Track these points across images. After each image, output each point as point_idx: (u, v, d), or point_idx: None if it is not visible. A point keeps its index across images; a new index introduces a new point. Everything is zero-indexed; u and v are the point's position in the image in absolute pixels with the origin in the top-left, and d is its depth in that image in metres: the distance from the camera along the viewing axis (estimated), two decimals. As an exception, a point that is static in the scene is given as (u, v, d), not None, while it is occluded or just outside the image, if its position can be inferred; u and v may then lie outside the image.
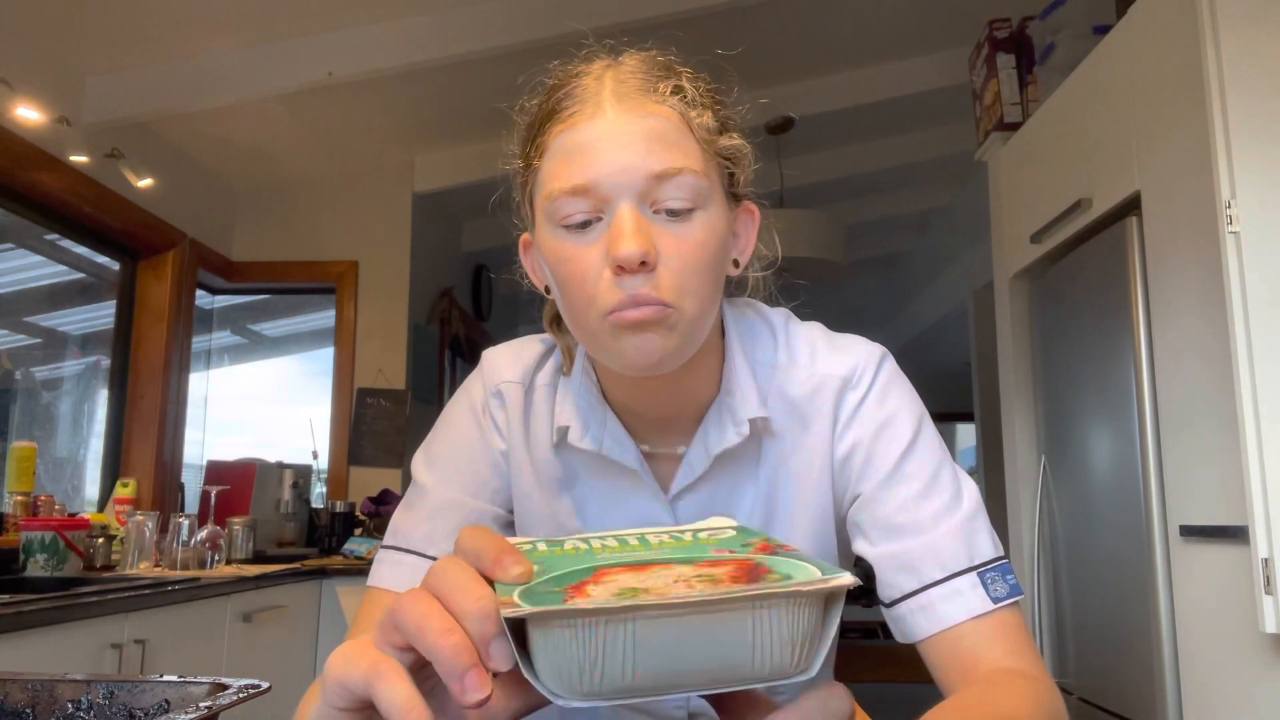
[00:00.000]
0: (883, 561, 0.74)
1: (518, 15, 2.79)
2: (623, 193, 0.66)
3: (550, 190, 0.68)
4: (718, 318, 0.80)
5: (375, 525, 3.38)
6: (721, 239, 0.70)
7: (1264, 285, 1.61)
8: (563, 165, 0.67)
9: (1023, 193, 2.67)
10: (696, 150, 0.68)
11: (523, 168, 0.74)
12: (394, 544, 0.82)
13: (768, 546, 0.42)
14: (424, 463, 0.85)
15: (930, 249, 5.66)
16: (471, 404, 0.85)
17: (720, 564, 0.39)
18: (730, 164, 0.73)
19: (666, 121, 0.68)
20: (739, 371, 0.78)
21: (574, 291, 0.68)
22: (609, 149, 0.66)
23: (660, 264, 0.66)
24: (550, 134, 0.69)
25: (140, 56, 2.83)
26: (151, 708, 0.77)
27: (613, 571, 0.38)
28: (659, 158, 0.66)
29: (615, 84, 0.69)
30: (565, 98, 0.70)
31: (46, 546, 2.26)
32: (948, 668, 0.71)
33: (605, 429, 0.79)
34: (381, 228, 3.87)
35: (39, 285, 3.17)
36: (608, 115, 0.67)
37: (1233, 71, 1.67)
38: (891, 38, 3.37)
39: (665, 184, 0.66)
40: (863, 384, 0.79)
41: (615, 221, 0.66)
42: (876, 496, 0.76)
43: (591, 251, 0.67)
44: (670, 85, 0.70)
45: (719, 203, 0.70)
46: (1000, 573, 0.72)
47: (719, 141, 0.71)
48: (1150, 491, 1.97)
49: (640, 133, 0.67)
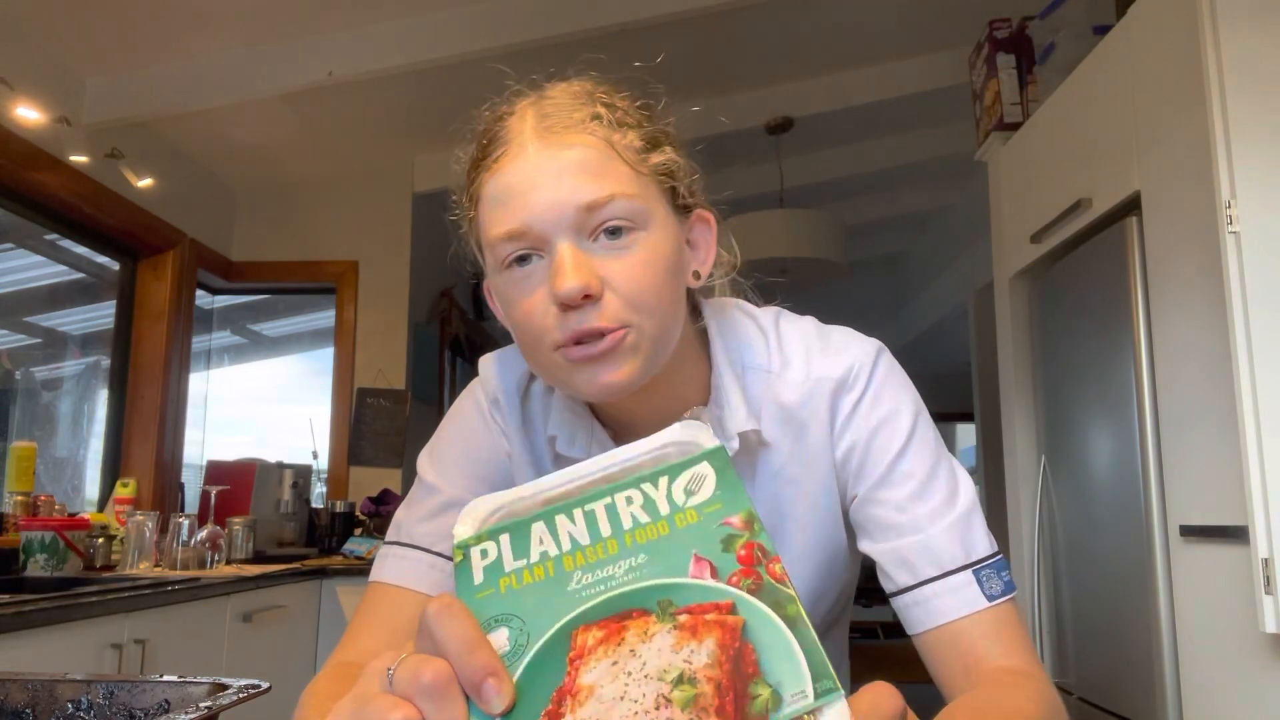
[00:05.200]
0: (881, 557, 0.75)
1: (518, 15, 2.79)
2: (556, 229, 0.66)
3: (489, 238, 0.69)
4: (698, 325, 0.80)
5: (375, 525, 3.38)
6: (669, 255, 0.70)
7: (1264, 285, 1.61)
8: (497, 212, 0.68)
9: (1023, 193, 2.67)
10: (626, 173, 0.68)
11: (463, 214, 0.75)
12: (398, 539, 0.81)
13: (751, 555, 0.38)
14: (429, 461, 0.85)
15: (930, 249, 5.66)
16: (478, 404, 0.85)
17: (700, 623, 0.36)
18: (668, 179, 0.72)
19: (589, 150, 0.67)
20: (726, 382, 0.78)
21: (524, 330, 0.69)
22: (536, 188, 0.66)
23: (606, 291, 0.66)
24: (482, 182, 0.70)
25: (140, 56, 2.83)
26: (151, 708, 0.77)
27: (590, 649, 0.36)
28: (587, 189, 0.66)
29: (536, 120, 0.69)
30: (491, 143, 0.70)
31: (46, 546, 2.26)
32: (945, 662, 0.71)
33: (593, 437, 0.79)
34: (381, 228, 3.87)
35: (39, 285, 3.17)
36: (529, 154, 0.67)
37: (1233, 71, 1.67)
38: (891, 38, 3.36)
39: (598, 212, 0.66)
40: (859, 385, 0.78)
41: (555, 260, 0.66)
42: (873, 496, 0.76)
43: (538, 289, 0.67)
44: (588, 113, 0.69)
45: (662, 219, 0.70)
46: (995, 569, 0.73)
47: (650, 159, 0.71)
48: (1150, 491, 1.97)
49: (564, 166, 0.66)
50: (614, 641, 0.36)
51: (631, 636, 0.36)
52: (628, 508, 0.40)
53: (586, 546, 0.39)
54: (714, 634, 0.36)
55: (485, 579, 0.39)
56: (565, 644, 0.36)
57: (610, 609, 0.37)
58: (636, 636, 0.36)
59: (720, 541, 0.38)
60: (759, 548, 0.38)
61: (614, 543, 0.39)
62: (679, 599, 0.37)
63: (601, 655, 0.36)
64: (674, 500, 0.40)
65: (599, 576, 0.38)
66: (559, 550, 0.39)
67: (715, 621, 0.36)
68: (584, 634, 0.36)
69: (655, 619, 0.36)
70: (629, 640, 0.36)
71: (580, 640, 0.36)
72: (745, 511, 0.39)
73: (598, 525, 0.40)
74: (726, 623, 0.36)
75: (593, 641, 0.36)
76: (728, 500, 0.40)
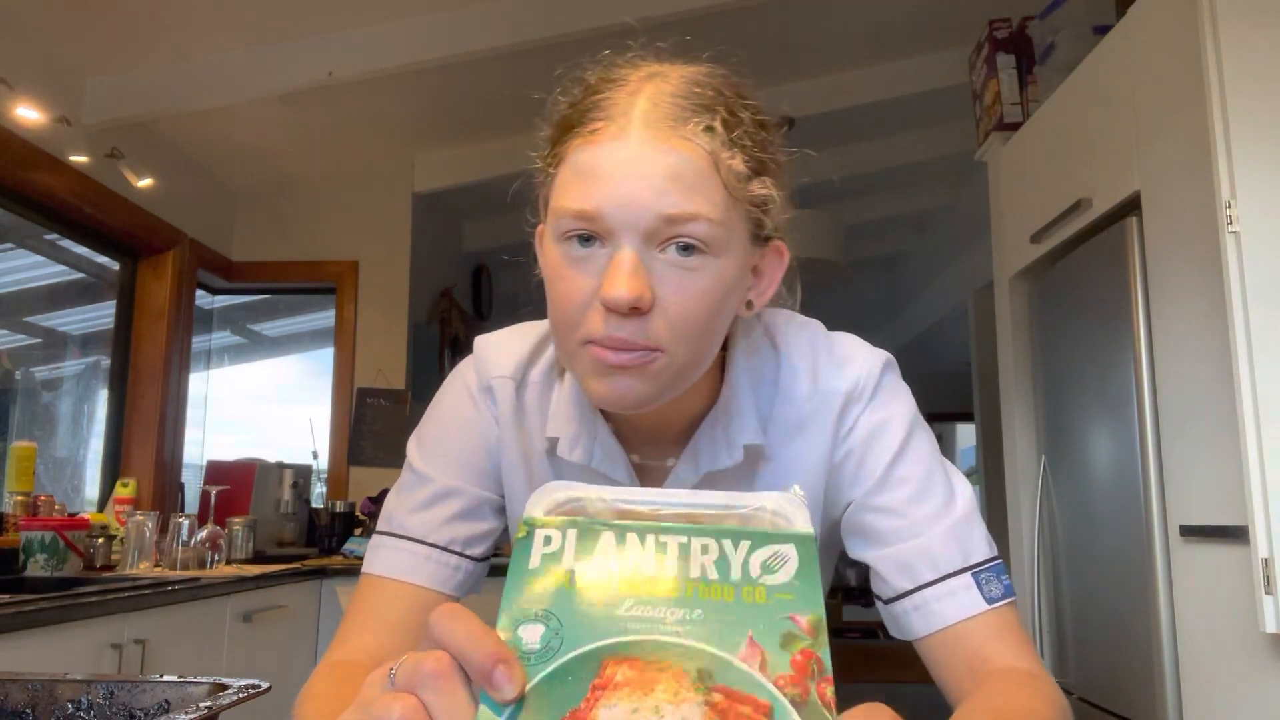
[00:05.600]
0: (878, 563, 0.74)
1: (518, 15, 2.78)
2: (628, 229, 0.62)
3: (557, 206, 0.65)
4: None
5: (375, 525, 3.38)
6: (730, 284, 0.66)
7: (1264, 285, 1.61)
8: (576, 185, 0.64)
9: (1023, 193, 2.67)
10: (719, 195, 0.64)
11: (543, 165, 0.71)
12: (390, 530, 0.80)
13: (805, 667, 0.35)
14: (418, 447, 0.83)
15: (930, 249, 5.66)
16: (467, 387, 0.83)
17: (733, 711, 0.34)
18: (759, 209, 0.68)
19: (691, 160, 0.63)
20: (740, 391, 0.76)
21: (560, 312, 0.66)
22: (623, 180, 0.62)
23: (656, 308, 0.63)
24: (570, 145, 0.66)
25: (140, 56, 2.83)
26: (151, 708, 0.77)
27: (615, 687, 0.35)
28: (674, 200, 0.62)
29: (648, 105, 0.64)
30: (593, 108, 0.66)
31: (46, 546, 2.26)
32: (950, 665, 0.71)
33: (596, 439, 0.77)
34: (381, 228, 3.87)
35: (39, 285, 3.18)
36: (630, 142, 0.63)
37: (1233, 71, 1.67)
38: (891, 38, 3.36)
39: (676, 227, 0.62)
40: (864, 397, 0.77)
41: (614, 261, 0.63)
42: (869, 502, 0.76)
43: (587, 278, 0.64)
44: (705, 121, 0.64)
45: (737, 249, 0.66)
46: (995, 573, 0.72)
47: (750, 187, 0.66)
48: (1150, 491, 1.97)
49: (660, 169, 0.62)
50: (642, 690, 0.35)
51: (660, 692, 0.35)
52: (700, 556, 0.39)
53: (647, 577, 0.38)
54: None
55: (541, 564, 0.38)
56: (594, 668, 0.35)
57: (649, 652, 0.36)
58: (665, 695, 0.35)
59: (780, 635, 0.36)
60: (817, 660, 0.36)
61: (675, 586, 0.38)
62: (720, 676, 0.35)
63: (625, 697, 0.35)
64: (748, 570, 0.38)
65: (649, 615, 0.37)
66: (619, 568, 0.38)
67: (749, 713, 0.34)
68: (615, 666, 0.35)
69: (690, 686, 0.35)
70: (657, 695, 0.35)
71: (610, 672, 0.35)
72: (815, 616, 0.37)
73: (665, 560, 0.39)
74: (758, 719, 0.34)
75: (621, 679, 0.35)
76: (801, 594, 0.38)
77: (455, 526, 0.79)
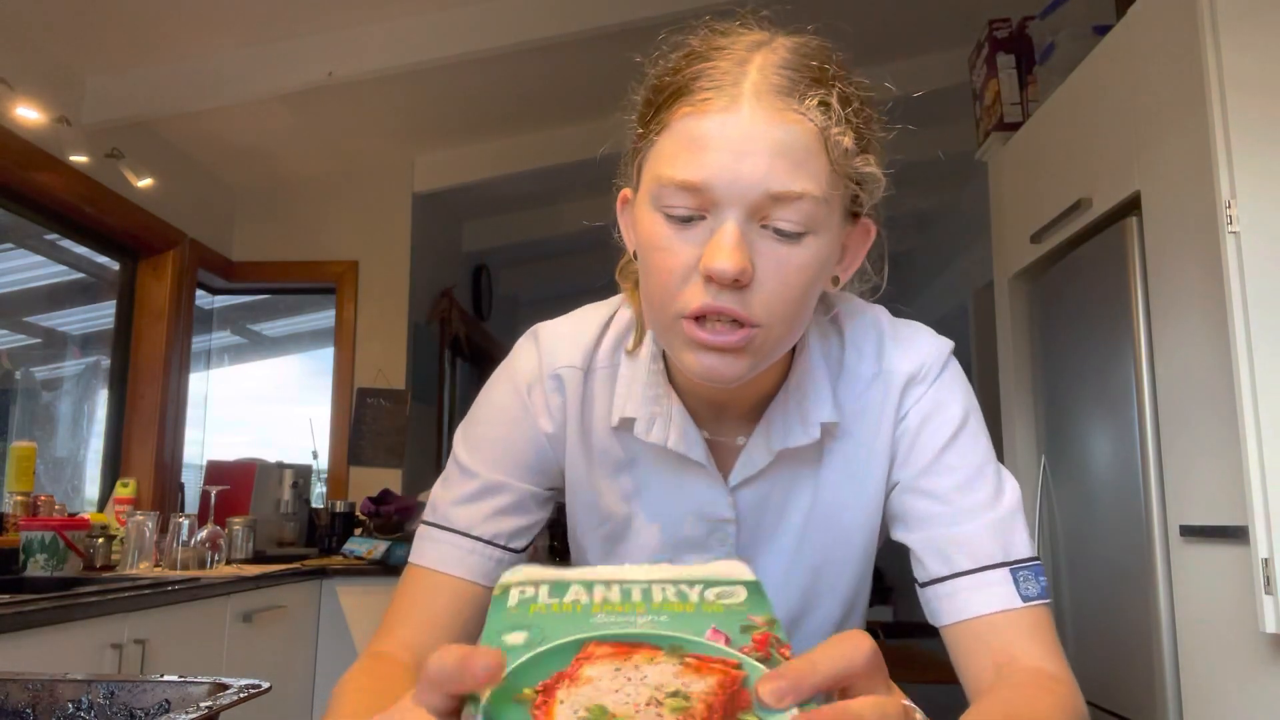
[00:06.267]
0: (918, 546, 0.75)
1: (518, 15, 2.79)
2: (733, 203, 0.62)
3: (660, 174, 0.64)
4: None
5: (375, 525, 3.38)
6: (825, 260, 0.67)
7: (1264, 285, 1.61)
8: (680, 152, 0.63)
9: (1022, 193, 2.67)
10: (825, 172, 0.63)
11: (640, 131, 0.69)
12: (435, 521, 0.81)
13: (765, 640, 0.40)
14: (464, 441, 0.83)
15: (930, 249, 5.66)
16: (515, 383, 0.82)
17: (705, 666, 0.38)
18: (858, 186, 0.68)
19: (801, 135, 0.62)
20: (815, 369, 0.76)
21: (658, 283, 0.66)
22: (732, 153, 0.61)
23: (754, 283, 0.63)
24: (676, 112, 0.65)
25: (140, 56, 2.83)
26: (151, 708, 0.77)
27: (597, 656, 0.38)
28: (781, 177, 0.62)
29: (758, 76, 0.63)
30: (701, 76, 0.64)
31: (46, 546, 2.26)
32: (973, 656, 0.71)
33: (672, 420, 0.76)
34: (381, 228, 3.87)
35: (39, 285, 3.18)
36: (741, 114, 0.62)
37: (1233, 72, 1.67)
38: (891, 38, 3.36)
39: (781, 205, 0.62)
40: (927, 379, 0.77)
41: (719, 233, 0.62)
42: (916, 485, 0.76)
43: (687, 249, 0.64)
44: (819, 96, 0.64)
45: (834, 226, 0.67)
46: (1034, 573, 0.72)
47: (854, 164, 0.66)
48: (1150, 491, 1.97)
49: (769, 144, 0.62)
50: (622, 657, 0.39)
51: (638, 658, 0.39)
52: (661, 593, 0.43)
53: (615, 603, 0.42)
54: (716, 675, 0.38)
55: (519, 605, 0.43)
56: (576, 649, 0.39)
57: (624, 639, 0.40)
58: (643, 659, 0.39)
59: (739, 626, 0.41)
60: (774, 638, 0.40)
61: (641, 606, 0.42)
62: (690, 649, 0.39)
63: (608, 662, 0.38)
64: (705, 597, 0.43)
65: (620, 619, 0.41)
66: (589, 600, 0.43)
67: (719, 668, 0.38)
68: (595, 647, 0.39)
69: (664, 654, 0.39)
70: (635, 659, 0.39)
71: (590, 649, 0.39)
72: (768, 616, 0.41)
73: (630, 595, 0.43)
74: (730, 671, 0.38)
75: (602, 652, 0.39)
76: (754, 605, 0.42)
77: (499, 521, 0.80)
